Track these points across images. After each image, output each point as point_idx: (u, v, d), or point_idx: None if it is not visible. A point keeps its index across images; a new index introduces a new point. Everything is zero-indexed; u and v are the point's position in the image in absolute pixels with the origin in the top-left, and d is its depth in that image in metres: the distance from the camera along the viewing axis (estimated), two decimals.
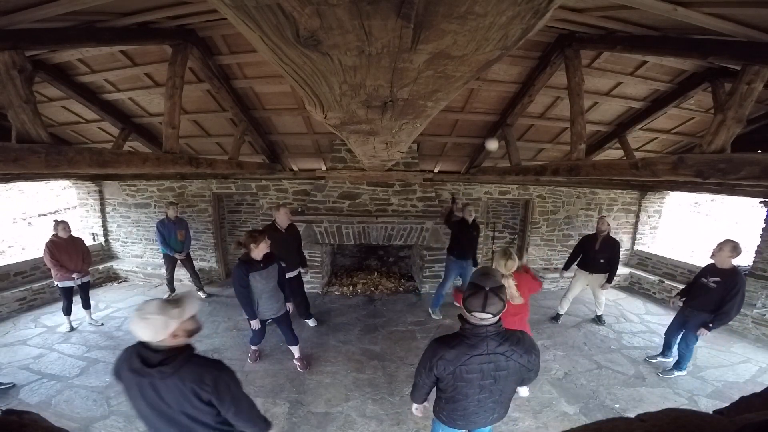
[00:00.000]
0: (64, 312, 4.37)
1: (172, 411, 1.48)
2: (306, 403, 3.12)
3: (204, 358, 1.54)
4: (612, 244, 4.54)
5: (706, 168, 1.94)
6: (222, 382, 1.49)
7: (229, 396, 1.50)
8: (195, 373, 1.45)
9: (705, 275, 3.42)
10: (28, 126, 1.96)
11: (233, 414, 1.54)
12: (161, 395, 1.45)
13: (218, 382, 1.47)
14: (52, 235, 4.21)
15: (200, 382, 1.45)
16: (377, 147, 1.76)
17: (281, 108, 4.25)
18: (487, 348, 1.61)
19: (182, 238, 5.32)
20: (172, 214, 5.21)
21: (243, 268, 3.03)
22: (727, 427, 0.50)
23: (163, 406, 1.46)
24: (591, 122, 4.26)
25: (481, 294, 1.54)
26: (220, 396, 1.48)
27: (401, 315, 4.98)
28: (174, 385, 1.43)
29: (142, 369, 1.41)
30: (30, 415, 0.71)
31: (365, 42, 0.53)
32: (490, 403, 1.75)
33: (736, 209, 12.09)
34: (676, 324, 3.74)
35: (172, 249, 5.23)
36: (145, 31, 2.60)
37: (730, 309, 3.18)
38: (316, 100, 0.91)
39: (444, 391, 1.75)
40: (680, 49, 2.45)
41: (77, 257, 4.33)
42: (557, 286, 6.25)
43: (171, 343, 1.43)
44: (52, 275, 4.26)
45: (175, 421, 1.49)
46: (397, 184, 5.46)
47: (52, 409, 3.00)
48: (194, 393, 1.44)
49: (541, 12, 0.48)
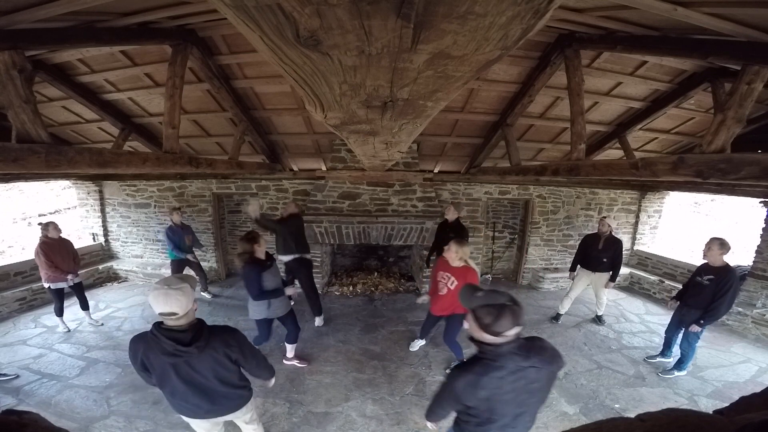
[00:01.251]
0: (56, 313, 4.34)
1: (206, 380, 1.68)
2: (306, 403, 3.12)
3: (216, 326, 1.73)
4: (615, 242, 4.56)
5: (706, 168, 1.94)
6: (243, 341, 1.76)
7: (249, 350, 1.78)
8: (222, 340, 1.67)
9: (699, 274, 3.47)
10: (28, 126, 1.96)
11: (255, 365, 1.84)
12: (196, 369, 1.64)
13: (241, 342, 1.74)
14: (43, 236, 4.11)
15: (229, 346, 1.68)
16: (377, 147, 1.76)
17: (281, 108, 4.25)
18: (516, 365, 1.48)
19: (190, 243, 5.29)
20: (178, 219, 5.13)
21: (255, 270, 3.00)
22: (727, 427, 0.50)
23: (198, 378, 1.66)
24: (591, 122, 4.26)
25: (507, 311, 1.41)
26: (243, 352, 1.74)
27: (401, 315, 4.98)
28: (208, 355, 1.63)
29: (178, 350, 1.56)
30: (30, 415, 0.71)
31: (365, 42, 0.53)
32: (526, 417, 1.65)
33: (736, 209, 12.09)
34: (674, 323, 3.76)
35: (184, 253, 5.17)
36: (145, 31, 2.60)
37: (720, 305, 3.23)
38: (316, 100, 0.91)
39: (476, 416, 1.58)
40: (680, 49, 2.45)
41: (69, 258, 4.27)
42: (557, 286, 6.25)
43: (191, 318, 1.60)
44: (42, 277, 4.13)
45: (208, 390, 1.72)
46: (397, 184, 5.46)
47: (52, 409, 3.00)
48: (226, 356, 1.68)
49: (541, 12, 0.48)
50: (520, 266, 6.60)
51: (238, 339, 1.75)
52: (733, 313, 4.78)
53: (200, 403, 1.76)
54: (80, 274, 4.40)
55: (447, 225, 4.66)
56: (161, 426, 2.84)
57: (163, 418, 2.91)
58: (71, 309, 4.59)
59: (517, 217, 6.98)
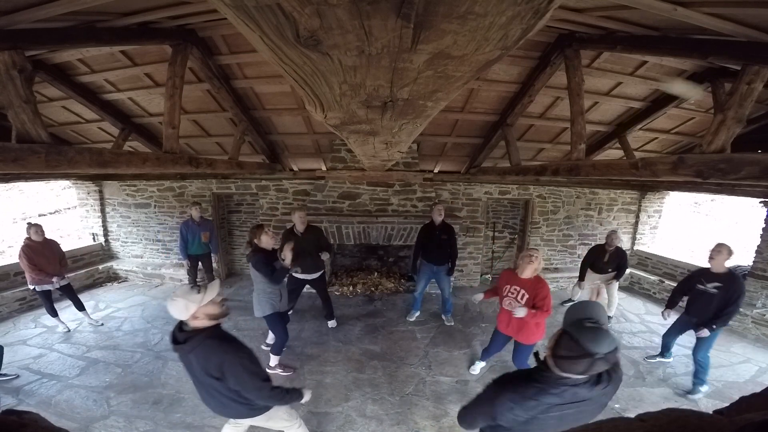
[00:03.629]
0: (50, 314, 4.33)
1: (199, 380, 1.78)
2: (306, 403, 3.12)
3: (219, 340, 1.73)
4: (620, 254, 4.64)
5: (706, 168, 1.94)
6: (227, 364, 1.69)
7: (233, 377, 1.71)
8: (203, 355, 1.69)
9: (700, 281, 3.30)
10: (28, 126, 1.96)
11: (245, 390, 1.78)
12: (192, 367, 1.74)
13: (223, 365, 1.68)
14: (26, 238, 4.09)
15: (207, 362, 1.68)
16: (377, 147, 1.76)
17: (281, 108, 4.25)
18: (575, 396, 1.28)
19: (207, 240, 5.25)
20: (197, 214, 5.12)
21: (264, 260, 3.07)
22: (727, 427, 0.50)
23: (197, 374, 1.75)
24: (591, 122, 4.26)
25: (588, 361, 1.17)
26: (225, 376, 1.70)
27: (401, 315, 4.98)
28: (194, 359, 1.71)
29: (172, 345, 1.72)
30: (30, 415, 0.71)
31: (365, 42, 0.53)
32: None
33: (736, 209, 12.08)
34: (676, 329, 3.68)
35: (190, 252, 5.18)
36: (145, 31, 2.60)
37: (733, 310, 3.12)
38: (316, 100, 0.91)
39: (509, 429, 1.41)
40: (680, 49, 2.45)
41: (54, 260, 4.21)
42: (557, 286, 6.25)
43: (194, 324, 1.68)
44: (28, 279, 4.11)
45: (204, 387, 1.80)
46: (397, 184, 5.46)
47: (52, 409, 3.00)
48: (204, 370, 1.70)
49: (541, 12, 0.48)
50: None
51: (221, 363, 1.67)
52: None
53: (207, 399, 1.89)
54: (80, 274, 4.40)
55: (434, 227, 4.41)
56: (161, 426, 2.84)
57: (163, 418, 2.91)
58: (71, 309, 4.59)
59: (517, 217, 6.99)
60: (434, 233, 4.40)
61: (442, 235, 4.38)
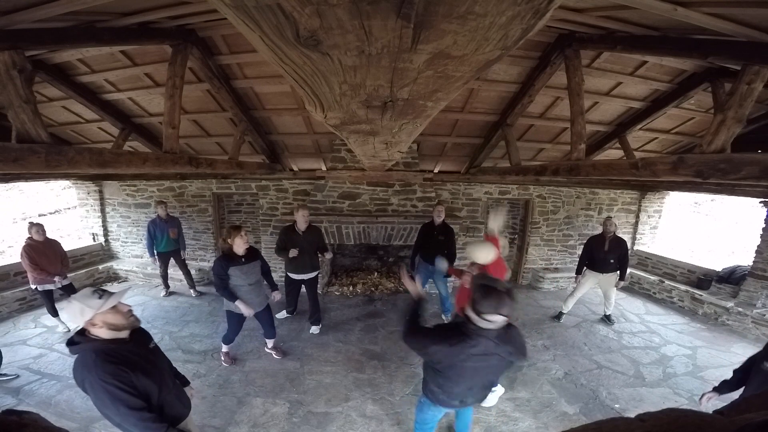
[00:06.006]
0: (51, 314, 4.32)
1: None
2: (306, 403, 3.12)
3: (95, 355, 1.49)
4: (620, 242, 4.57)
5: (706, 168, 1.94)
6: (87, 384, 1.48)
7: (93, 397, 1.50)
8: (75, 366, 1.52)
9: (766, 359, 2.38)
10: (28, 126, 1.96)
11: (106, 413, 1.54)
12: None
13: (84, 383, 1.50)
14: (28, 238, 4.10)
15: (74, 374, 1.53)
16: (377, 147, 1.76)
17: (281, 108, 4.25)
18: (486, 348, 1.63)
19: (174, 236, 5.34)
20: (163, 212, 5.25)
21: (223, 263, 3.18)
22: (727, 427, 0.50)
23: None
24: (591, 122, 4.26)
25: (494, 295, 1.52)
26: (87, 393, 1.51)
27: (401, 315, 4.97)
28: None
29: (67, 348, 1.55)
30: (30, 415, 0.71)
31: (365, 42, 0.53)
32: (477, 389, 1.90)
33: (736, 209, 12.09)
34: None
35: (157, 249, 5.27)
36: (145, 31, 2.60)
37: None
38: (316, 100, 0.91)
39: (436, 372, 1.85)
40: (680, 49, 2.45)
41: (56, 260, 4.22)
42: (557, 286, 6.25)
43: (94, 332, 1.52)
44: (29, 279, 4.10)
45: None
46: (397, 184, 5.46)
47: (52, 409, 3.00)
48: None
49: (541, 12, 0.48)
50: (520, 266, 6.60)
51: (83, 380, 1.48)
52: (733, 313, 4.79)
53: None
54: (80, 274, 4.41)
55: (433, 227, 4.46)
56: None
57: None
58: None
59: (517, 217, 6.99)
60: (432, 233, 4.45)
61: (439, 236, 4.42)
